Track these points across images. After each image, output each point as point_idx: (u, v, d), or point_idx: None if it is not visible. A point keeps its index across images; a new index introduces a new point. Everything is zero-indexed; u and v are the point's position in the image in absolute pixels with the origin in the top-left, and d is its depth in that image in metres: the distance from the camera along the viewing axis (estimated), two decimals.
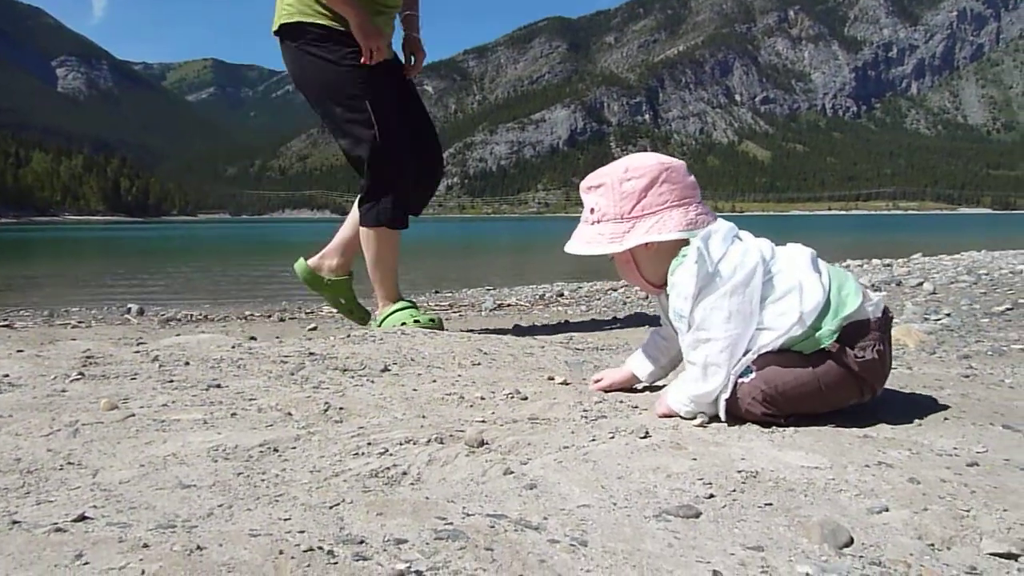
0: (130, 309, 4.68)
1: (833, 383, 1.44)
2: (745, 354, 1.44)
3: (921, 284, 4.24)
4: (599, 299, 4.64)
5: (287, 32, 2.87)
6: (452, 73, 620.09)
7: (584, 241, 1.58)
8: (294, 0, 2.83)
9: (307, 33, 2.83)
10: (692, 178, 1.56)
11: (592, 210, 1.58)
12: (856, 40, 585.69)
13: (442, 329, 2.86)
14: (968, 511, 1.03)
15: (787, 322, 1.42)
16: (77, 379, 1.83)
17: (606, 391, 1.79)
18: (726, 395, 1.44)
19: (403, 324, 2.87)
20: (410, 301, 3.06)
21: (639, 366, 1.78)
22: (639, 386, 1.82)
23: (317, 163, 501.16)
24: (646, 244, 1.52)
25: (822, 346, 1.43)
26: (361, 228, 2.96)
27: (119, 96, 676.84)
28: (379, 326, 2.98)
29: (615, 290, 5.06)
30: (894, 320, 2.00)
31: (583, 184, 1.61)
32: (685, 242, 1.49)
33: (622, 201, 1.53)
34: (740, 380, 1.44)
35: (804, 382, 1.43)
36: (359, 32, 2.76)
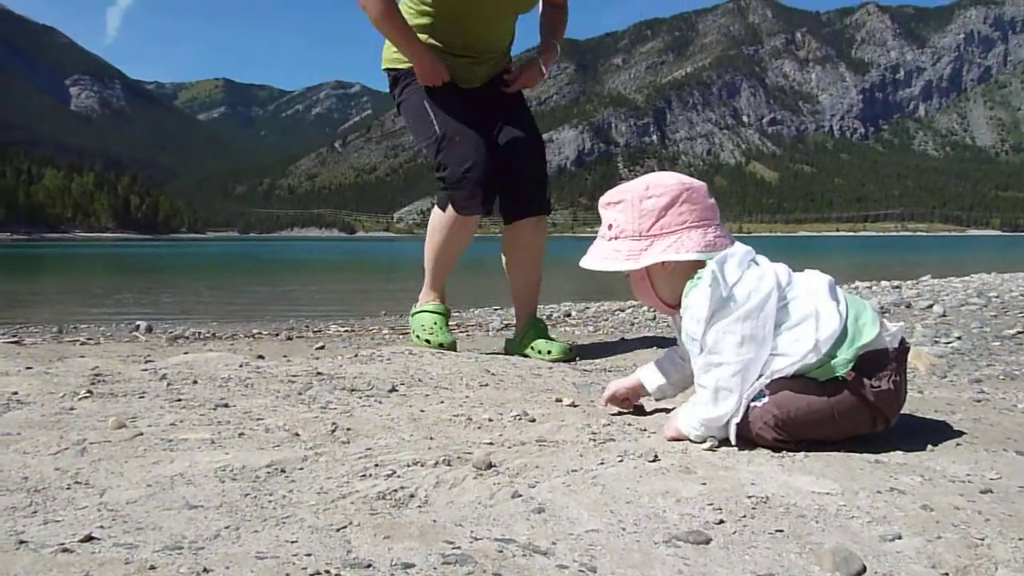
0: (138, 326, 4.69)
1: (847, 411, 1.42)
2: (758, 379, 1.42)
3: (931, 307, 4.21)
4: (607, 319, 4.62)
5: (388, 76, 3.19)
6: None
7: (600, 257, 1.58)
8: (385, 47, 3.09)
9: (388, 78, 3.15)
10: (712, 200, 1.55)
11: (610, 226, 1.57)
12: (863, 62, 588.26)
13: (453, 350, 2.86)
14: (982, 539, 1.01)
15: (802, 349, 1.40)
16: (85, 397, 1.83)
17: (612, 397, 1.79)
18: (737, 419, 1.43)
19: (417, 337, 2.92)
20: (446, 307, 3.07)
21: (648, 377, 1.77)
22: (647, 407, 1.81)
23: (326, 182, 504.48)
24: (662, 263, 1.52)
25: (837, 374, 1.42)
26: (434, 211, 3.07)
27: (131, 115, 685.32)
28: (412, 316, 3.08)
29: (623, 310, 5.04)
30: None
31: (602, 200, 1.60)
32: (701, 264, 1.48)
33: (641, 219, 1.52)
34: (753, 404, 1.43)
35: (817, 409, 1.41)
36: (417, 72, 2.94)
